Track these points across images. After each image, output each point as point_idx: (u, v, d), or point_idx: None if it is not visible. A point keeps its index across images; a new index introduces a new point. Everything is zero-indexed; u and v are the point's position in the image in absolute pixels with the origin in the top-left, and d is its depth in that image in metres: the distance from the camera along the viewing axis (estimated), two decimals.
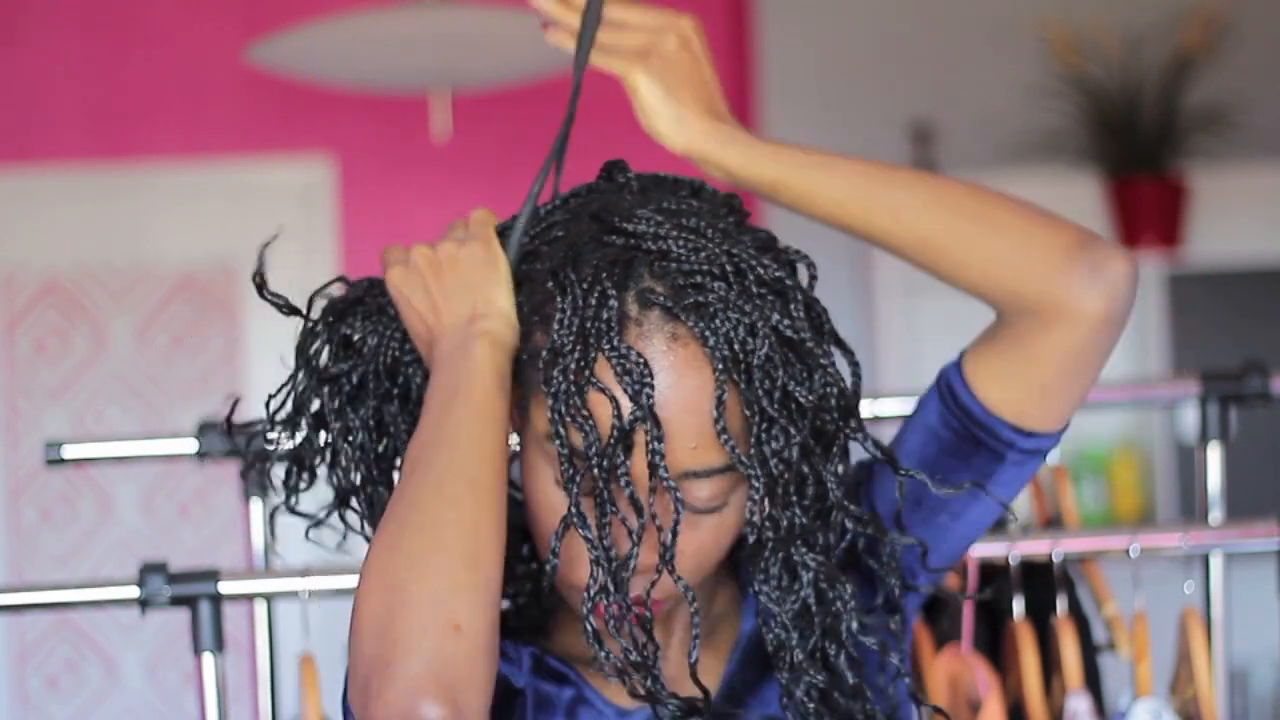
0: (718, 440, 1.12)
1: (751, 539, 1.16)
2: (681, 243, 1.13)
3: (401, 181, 4.55)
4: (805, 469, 1.14)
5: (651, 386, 1.09)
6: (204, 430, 1.82)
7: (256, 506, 1.86)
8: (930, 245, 1.22)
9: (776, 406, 1.11)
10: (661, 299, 1.11)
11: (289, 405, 1.28)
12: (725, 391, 1.11)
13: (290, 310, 1.29)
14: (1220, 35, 4.29)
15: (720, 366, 1.10)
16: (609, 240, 1.15)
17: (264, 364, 4.55)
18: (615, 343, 1.10)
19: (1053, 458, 2.11)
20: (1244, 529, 1.72)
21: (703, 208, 1.17)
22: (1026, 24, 4.33)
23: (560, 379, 1.11)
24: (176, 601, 1.63)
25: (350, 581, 1.67)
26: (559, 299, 1.13)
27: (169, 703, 4.52)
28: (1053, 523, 2.09)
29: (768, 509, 1.14)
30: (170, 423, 4.46)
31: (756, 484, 1.12)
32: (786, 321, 1.12)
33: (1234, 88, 4.25)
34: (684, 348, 1.11)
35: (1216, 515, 1.87)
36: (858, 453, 1.20)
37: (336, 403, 1.26)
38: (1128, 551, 1.69)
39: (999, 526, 2.27)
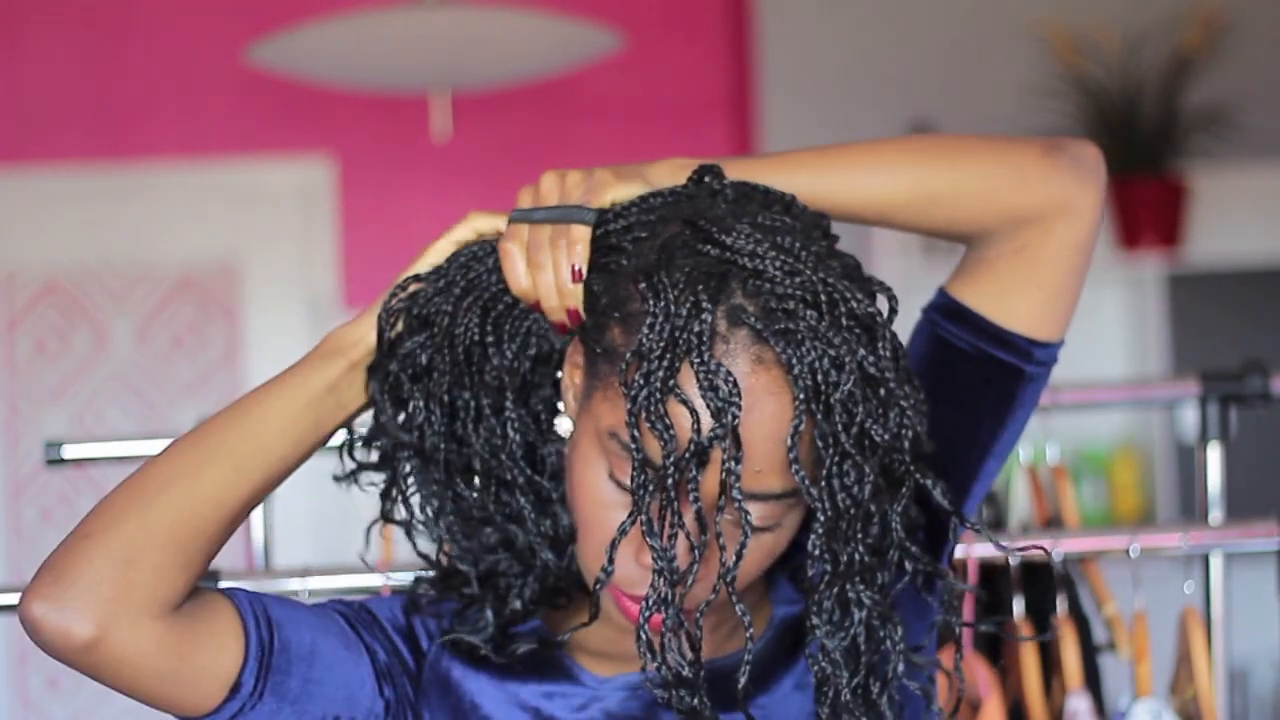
0: (787, 468, 1.10)
1: (810, 572, 1.14)
2: (778, 264, 1.11)
3: (401, 181, 4.55)
4: (872, 507, 1.13)
5: (739, 406, 1.08)
6: None
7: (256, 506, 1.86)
8: (924, 196, 1.24)
9: (852, 443, 1.10)
10: (752, 319, 1.09)
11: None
12: (802, 421, 1.09)
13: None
14: (1220, 35, 4.29)
15: (801, 396, 1.09)
16: (703, 250, 1.12)
17: (264, 364, 4.55)
18: (705, 357, 1.08)
19: (1053, 458, 2.11)
20: (1244, 529, 1.72)
21: (796, 226, 1.15)
22: (1026, 24, 4.33)
23: (642, 383, 1.09)
24: None
25: (350, 581, 1.67)
26: (650, 302, 1.11)
27: None
28: (1053, 523, 2.09)
29: (828, 542, 1.13)
30: (170, 423, 4.46)
31: (822, 517, 1.11)
32: (872, 359, 1.10)
33: (1234, 88, 4.25)
34: (767, 372, 1.10)
35: (1216, 515, 1.87)
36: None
37: (407, 380, 1.23)
38: (1128, 551, 1.69)
39: (998, 527, 2.27)
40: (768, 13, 4.39)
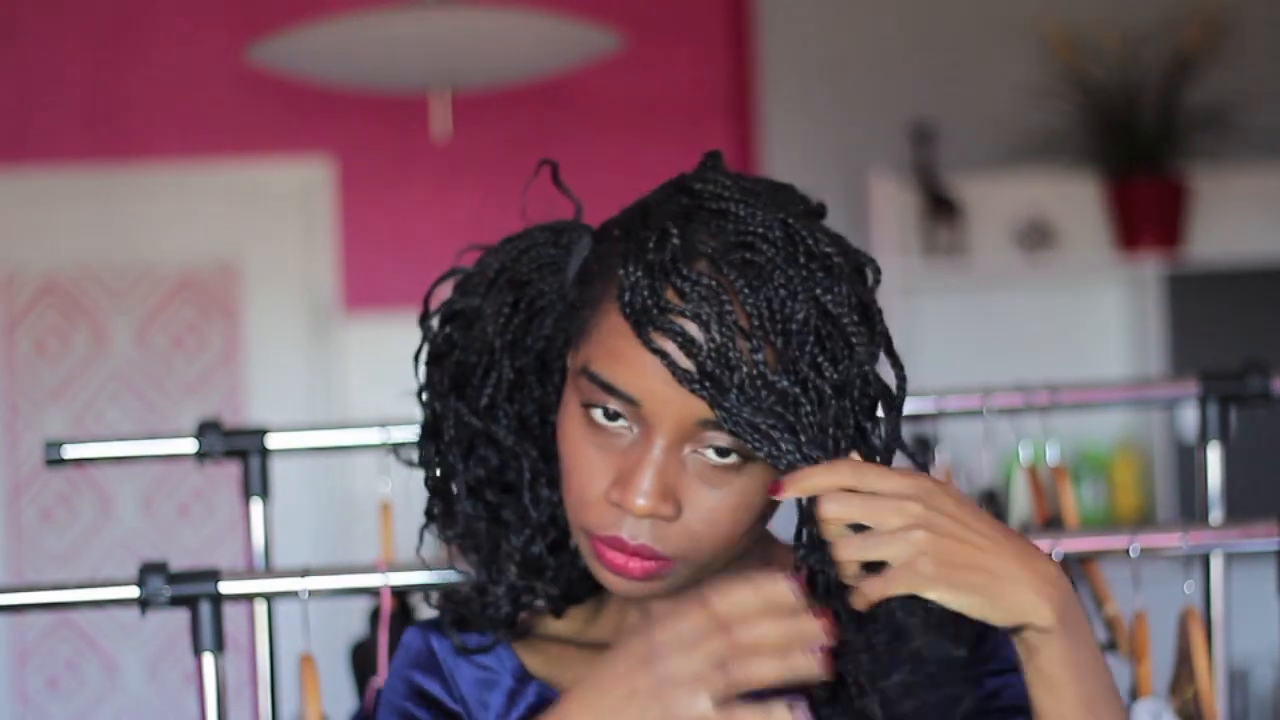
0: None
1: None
2: (741, 206, 1.14)
3: (401, 181, 4.55)
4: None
5: (732, 314, 1.10)
6: (204, 430, 1.82)
7: (256, 506, 1.86)
8: None
9: (812, 371, 1.12)
10: (710, 249, 1.13)
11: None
12: (760, 349, 1.11)
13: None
14: (1220, 35, 4.29)
15: (756, 323, 1.11)
16: (677, 199, 1.17)
17: (264, 364, 4.55)
18: (685, 271, 1.12)
19: (1053, 458, 2.11)
20: (1244, 529, 1.72)
21: (775, 188, 1.18)
22: (1026, 24, 4.33)
23: (633, 308, 1.12)
24: (176, 601, 1.63)
25: (350, 581, 1.67)
26: (623, 241, 1.16)
27: (169, 703, 4.52)
28: (1053, 523, 2.08)
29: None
30: (170, 423, 4.46)
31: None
32: (829, 297, 1.12)
33: (1234, 88, 4.25)
34: (731, 300, 1.13)
35: (1216, 515, 1.87)
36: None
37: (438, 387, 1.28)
38: (1128, 551, 1.69)
39: None
40: (768, 13, 4.39)
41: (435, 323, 1.29)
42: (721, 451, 1.14)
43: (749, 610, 1.05)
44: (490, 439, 1.27)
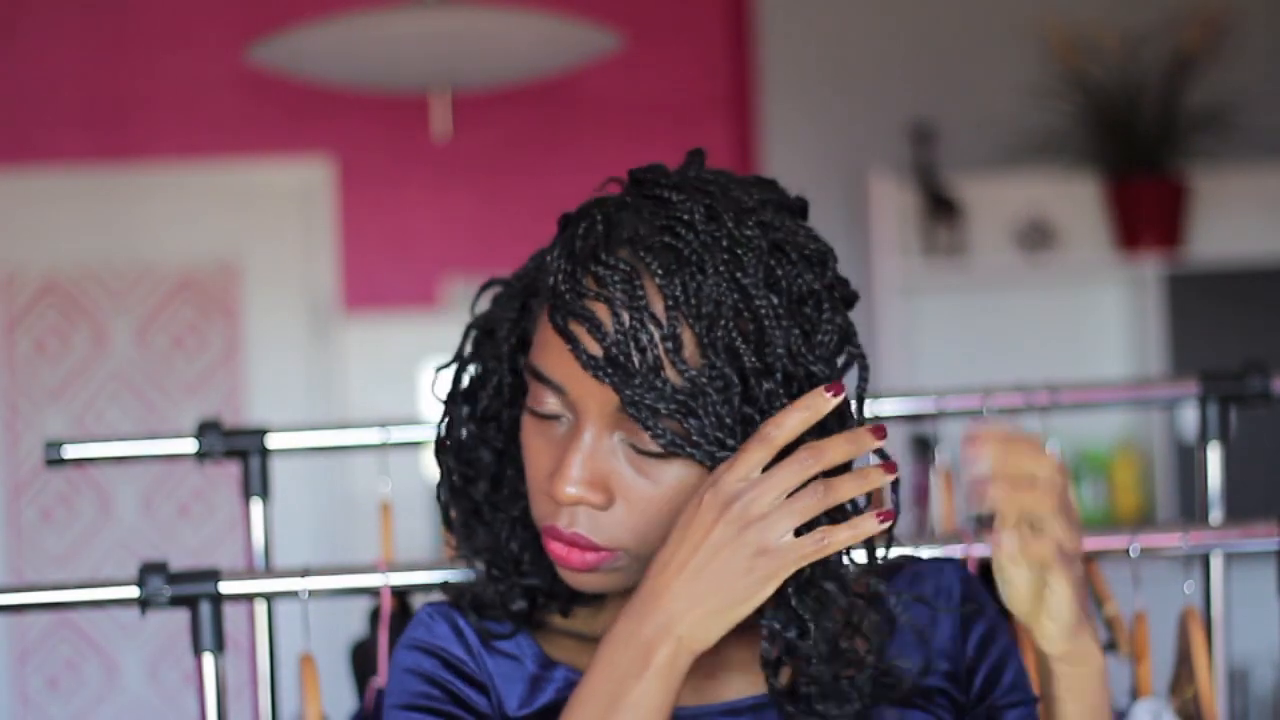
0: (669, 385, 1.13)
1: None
2: (674, 194, 1.14)
3: (401, 181, 4.55)
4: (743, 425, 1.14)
5: (642, 296, 1.11)
6: (204, 430, 1.82)
7: (256, 506, 1.86)
8: None
9: (722, 358, 1.11)
10: (632, 236, 1.13)
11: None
12: (676, 330, 1.11)
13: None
14: (1220, 35, 4.29)
15: (670, 305, 1.11)
16: (624, 191, 1.18)
17: (264, 364, 4.55)
18: (601, 256, 1.12)
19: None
20: (1244, 529, 1.72)
21: (731, 183, 1.18)
22: (1026, 24, 4.33)
23: (553, 292, 1.14)
24: (176, 601, 1.63)
25: (350, 581, 1.67)
26: (559, 235, 1.18)
27: (169, 703, 4.52)
28: None
29: (716, 451, 1.14)
30: (170, 423, 4.46)
31: (700, 422, 1.12)
32: (749, 280, 1.12)
33: (1234, 88, 4.25)
34: (646, 284, 1.13)
35: (1216, 515, 1.87)
36: None
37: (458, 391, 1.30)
38: (1128, 551, 1.69)
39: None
40: (768, 13, 4.39)
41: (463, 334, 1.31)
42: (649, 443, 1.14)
43: (799, 431, 1.10)
44: (484, 441, 1.28)
